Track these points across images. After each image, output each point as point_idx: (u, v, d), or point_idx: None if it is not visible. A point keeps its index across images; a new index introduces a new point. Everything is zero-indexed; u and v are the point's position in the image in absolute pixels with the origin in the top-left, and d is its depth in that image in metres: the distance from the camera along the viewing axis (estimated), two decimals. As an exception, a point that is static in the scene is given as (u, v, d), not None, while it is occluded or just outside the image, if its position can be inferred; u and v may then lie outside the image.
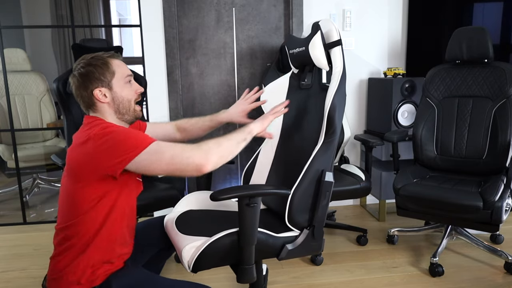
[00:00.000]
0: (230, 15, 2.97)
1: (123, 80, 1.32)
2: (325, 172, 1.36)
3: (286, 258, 1.38)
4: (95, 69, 1.28)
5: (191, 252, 1.28)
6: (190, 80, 3.01)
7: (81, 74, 1.28)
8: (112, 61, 1.31)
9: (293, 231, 1.40)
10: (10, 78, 3.27)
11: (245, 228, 1.25)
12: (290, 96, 1.64)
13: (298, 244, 1.38)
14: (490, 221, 1.94)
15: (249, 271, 1.31)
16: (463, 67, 2.39)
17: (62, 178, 1.29)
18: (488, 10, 2.95)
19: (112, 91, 1.30)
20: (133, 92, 1.35)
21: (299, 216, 1.37)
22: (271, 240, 1.35)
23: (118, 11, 3.76)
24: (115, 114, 1.33)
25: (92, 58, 1.30)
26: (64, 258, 1.24)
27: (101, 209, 1.23)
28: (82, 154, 1.19)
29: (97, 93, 1.28)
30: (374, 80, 3.01)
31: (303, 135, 1.47)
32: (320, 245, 1.43)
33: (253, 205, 1.23)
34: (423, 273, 2.16)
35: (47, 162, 3.39)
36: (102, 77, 1.28)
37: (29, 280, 2.17)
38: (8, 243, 2.67)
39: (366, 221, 2.92)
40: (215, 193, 1.22)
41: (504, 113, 2.23)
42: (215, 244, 1.27)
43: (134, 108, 1.36)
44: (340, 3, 2.99)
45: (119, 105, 1.32)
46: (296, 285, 2.07)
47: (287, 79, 1.67)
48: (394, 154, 2.45)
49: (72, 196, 1.23)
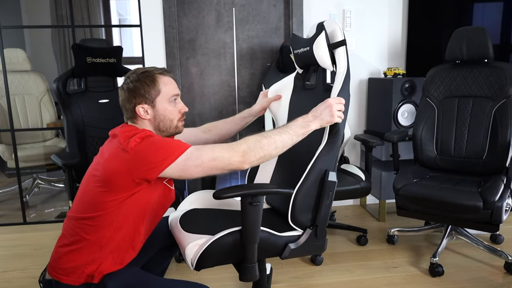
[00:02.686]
0: (230, 15, 2.97)
1: (168, 99, 1.33)
2: (328, 171, 1.35)
3: (289, 257, 1.38)
4: (141, 85, 1.30)
5: (194, 250, 1.29)
6: (190, 80, 3.01)
7: (129, 89, 1.31)
8: (161, 79, 1.33)
9: (296, 230, 1.40)
10: (10, 78, 3.27)
11: (248, 227, 1.26)
12: (295, 97, 1.63)
13: (301, 244, 1.38)
14: (490, 221, 1.94)
15: (251, 269, 1.31)
16: (463, 67, 2.39)
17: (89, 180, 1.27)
18: (488, 10, 2.95)
19: (155, 109, 1.32)
20: (177, 112, 1.36)
21: (302, 215, 1.37)
22: (274, 239, 1.35)
23: (118, 11, 3.76)
24: (154, 130, 1.34)
25: (142, 73, 1.32)
26: (73, 249, 1.25)
27: (124, 210, 1.24)
28: (120, 164, 1.19)
29: (139, 109, 1.30)
30: (374, 80, 3.01)
31: (311, 135, 1.46)
32: (323, 245, 1.43)
33: (256, 204, 1.23)
34: (423, 273, 2.16)
35: (47, 162, 3.39)
36: (147, 95, 1.30)
37: (29, 280, 2.17)
38: (8, 243, 2.67)
39: (366, 221, 2.92)
40: (217, 192, 1.22)
41: (504, 113, 2.23)
42: (218, 242, 1.28)
43: (176, 125, 1.37)
44: (340, 3, 2.99)
45: (159, 123, 1.33)
46: (296, 285, 2.07)
47: (292, 80, 1.66)
48: (394, 154, 2.45)
49: (98, 199, 1.23)
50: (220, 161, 1.21)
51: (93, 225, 1.24)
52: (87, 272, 1.25)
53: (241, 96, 3.08)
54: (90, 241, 1.24)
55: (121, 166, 1.19)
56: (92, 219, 1.24)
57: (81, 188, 1.30)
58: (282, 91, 1.67)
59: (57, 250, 1.29)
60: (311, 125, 1.31)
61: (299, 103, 1.60)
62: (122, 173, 1.19)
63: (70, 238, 1.27)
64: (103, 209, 1.22)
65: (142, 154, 1.18)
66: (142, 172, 1.18)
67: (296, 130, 1.31)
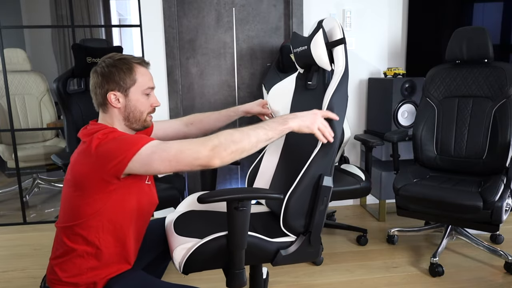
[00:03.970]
0: (230, 15, 2.96)
1: (142, 90, 1.28)
2: (323, 176, 1.28)
3: (281, 264, 1.33)
4: (117, 71, 1.24)
5: (182, 254, 1.25)
6: (190, 80, 3.01)
7: (103, 73, 1.25)
8: (138, 69, 1.27)
9: (288, 236, 1.35)
10: (10, 78, 3.26)
11: (234, 233, 1.20)
12: (296, 97, 1.58)
13: (293, 251, 1.32)
14: (490, 221, 1.94)
15: (239, 275, 1.26)
16: (463, 67, 2.39)
17: (64, 186, 1.25)
18: (488, 10, 2.95)
19: (127, 98, 1.26)
20: (148, 105, 1.31)
21: (294, 221, 1.31)
22: (264, 244, 1.30)
23: (118, 11, 3.76)
24: (123, 121, 1.29)
25: (119, 59, 1.26)
26: (65, 260, 1.22)
27: (106, 214, 1.20)
28: (86, 165, 1.16)
29: (110, 96, 1.24)
30: (374, 80, 3.01)
31: (308, 138, 1.41)
32: (317, 252, 1.36)
33: (242, 209, 1.17)
34: (423, 273, 2.16)
35: (47, 162, 3.39)
36: (122, 82, 1.24)
37: (29, 280, 2.17)
38: (8, 243, 2.67)
39: (366, 221, 2.91)
40: (202, 196, 1.16)
41: (504, 113, 2.23)
42: (205, 246, 1.23)
43: (145, 119, 1.32)
44: (340, 3, 2.99)
45: (129, 113, 1.28)
46: (296, 285, 2.06)
47: (294, 80, 1.61)
48: (394, 154, 2.45)
49: (76, 204, 1.19)
50: (187, 154, 1.12)
51: (77, 233, 1.20)
52: (86, 281, 1.22)
53: (241, 96, 3.08)
54: (78, 251, 1.20)
55: (87, 166, 1.15)
56: (75, 227, 1.20)
57: (62, 196, 1.26)
58: (284, 91, 1.62)
59: (51, 263, 1.26)
60: (289, 122, 1.23)
61: (301, 103, 1.55)
62: (90, 173, 1.15)
63: (60, 249, 1.24)
64: (83, 216, 1.18)
65: (105, 150, 1.14)
66: (108, 169, 1.13)
67: (273, 125, 1.22)
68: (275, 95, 1.64)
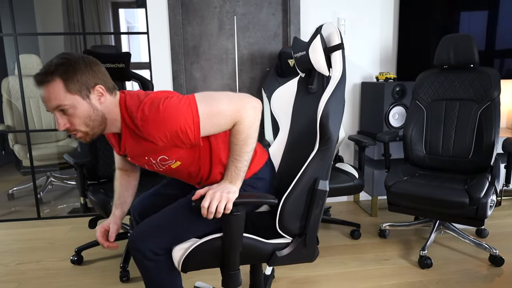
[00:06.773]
0: (232, 23, 2.97)
1: None
2: (319, 180, 1.24)
3: (277, 264, 1.30)
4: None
5: (180, 253, 1.24)
6: (194, 84, 3.01)
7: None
8: None
9: (284, 238, 1.31)
10: (25, 82, 3.27)
11: (229, 236, 1.19)
12: (298, 100, 1.54)
13: (288, 252, 1.30)
14: (476, 216, 1.95)
15: (234, 276, 1.24)
16: (450, 71, 2.39)
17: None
18: (473, 18, 2.95)
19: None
20: None
21: (290, 223, 1.28)
22: (260, 246, 1.27)
23: (127, 19, 3.76)
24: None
25: None
26: None
27: None
28: None
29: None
30: (367, 84, 3.02)
31: (308, 141, 1.38)
32: (312, 254, 1.32)
33: (236, 214, 1.16)
34: (412, 265, 2.16)
35: (60, 161, 3.39)
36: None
37: (43, 272, 2.17)
38: (23, 237, 2.68)
39: (359, 216, 2.92)
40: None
41: (488, 115, 2.23)
42: (202, 247, 1.23)
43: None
44: (336, 12, 2.99)
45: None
46: (292, 277, 2.07)
47: (296, 83, 1.57)
48: (386, 153, 2.45)
49: None
50: None
51: None
52: None
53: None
54: None
55: None
56: None
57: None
58: (286, 95, 1.58)
59: None
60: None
61: (302, 106, 1.51)
62: None
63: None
64: None
65: None
66: None
67: None
68: (278, 99, 1.61)
